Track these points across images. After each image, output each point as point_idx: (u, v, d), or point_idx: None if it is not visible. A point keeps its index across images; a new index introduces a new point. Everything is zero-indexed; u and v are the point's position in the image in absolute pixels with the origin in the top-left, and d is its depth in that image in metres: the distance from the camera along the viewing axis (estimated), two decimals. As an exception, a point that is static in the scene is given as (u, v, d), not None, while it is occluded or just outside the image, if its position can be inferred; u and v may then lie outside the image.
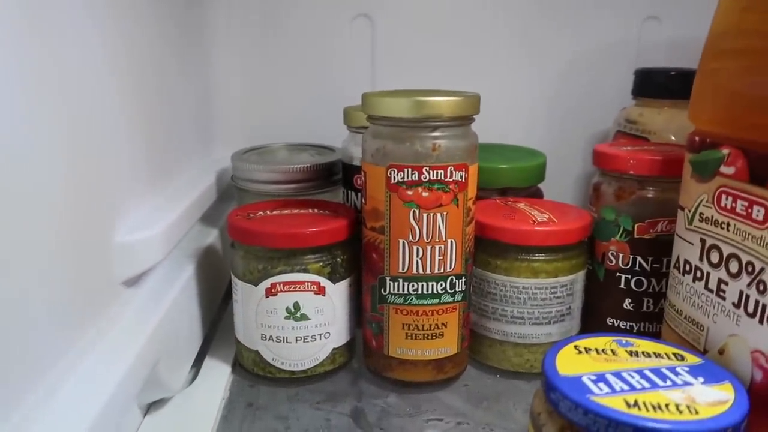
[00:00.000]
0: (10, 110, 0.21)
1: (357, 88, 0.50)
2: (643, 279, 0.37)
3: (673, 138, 0.44)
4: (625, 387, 0.25)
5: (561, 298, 0.37)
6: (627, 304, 0.37)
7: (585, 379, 0.25)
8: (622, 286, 0.37)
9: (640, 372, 0.26)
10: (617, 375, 0.26)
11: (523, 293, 0.36)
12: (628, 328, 0.38)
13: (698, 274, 0.29)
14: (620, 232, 0.37)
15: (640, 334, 0.37)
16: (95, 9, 0.29)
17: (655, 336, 0.35)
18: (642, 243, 0.36)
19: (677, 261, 0.31)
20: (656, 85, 0.46)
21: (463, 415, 0.34)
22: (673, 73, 0.45)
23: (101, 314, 0.28)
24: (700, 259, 0.29)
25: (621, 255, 0.37)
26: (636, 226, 0.36)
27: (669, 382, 0.25)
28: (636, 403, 0.24)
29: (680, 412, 0.23)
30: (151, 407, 0.34)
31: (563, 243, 0.36)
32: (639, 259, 0.36)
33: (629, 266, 0.37)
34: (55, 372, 0.24)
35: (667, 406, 0.23)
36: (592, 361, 0.27)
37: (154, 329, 0.31)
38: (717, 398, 0.24)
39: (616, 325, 0.38)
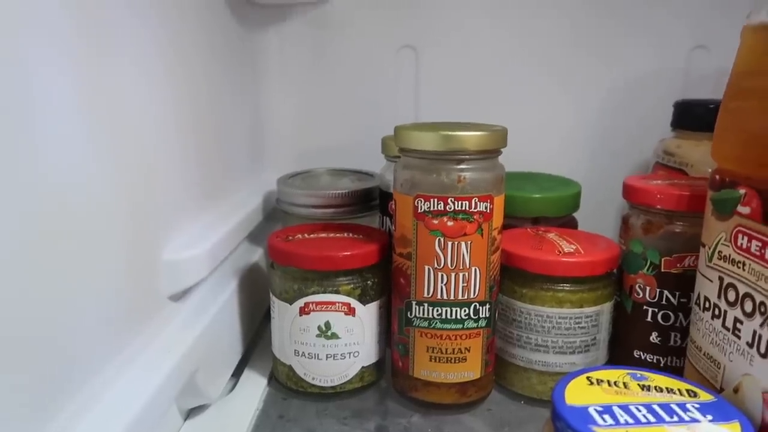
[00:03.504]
0: (73, 138, 0.25)
1: (401, 118, 0.52)
2: (670, 313, 0.37)
3: (710, 171, 0.43)
4: (630, 420, 0.25)
5: (585, 329, 0.37)
6: (654, 337, 0.37)
7: (591, 410, 0.26)
8: (649, 319, 0.37)
9: (648, 406, 0.26)
10: (624, 408, 0.26)
11: (547, 322, 0.37)
12: (654, 361, 0.38)
13: (716, 311, 0.29)
14: (647, 266, 0.37)
15: (666, 369, 0.37)
16: (155, 35, 0.32)
17: (681, 371, 0.34)
18: (669, 277, 0.36)
19: (698, 297, 0.31)
20: (695, 117, 0.46)
21: (483, 438, 0.35)
22: (711, 106, 0.45)
23: (147, 325, 0.31)
24: (719, 296, 0.29)
25: (648, 288, 0.37)
26: (663, 260, 0.36)
27: (676, 418, 0.26)
28: (637, 437, 0.24)
29: (681, 448, 0.24)
30: (191, 413, 0.37)
31: (588, 274, 0.37)
32: (666, 293, 0.36)
33: (656, 300, 0.37)
34: (103, 374, 0.27)
35: (668, 441, 0.24)
36: (602, 393, 0.28)
37: (194, 341, 0.33)
38: (722, 437, 0.24)
39: (642, 358, 0.38)
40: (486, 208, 0.35)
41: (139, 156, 0.30)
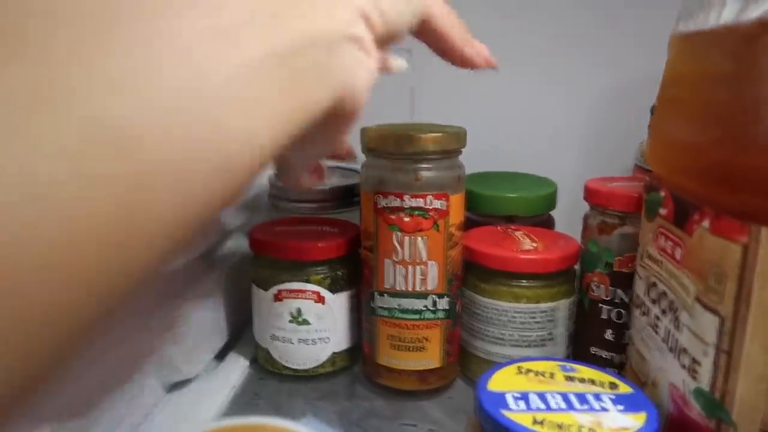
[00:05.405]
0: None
1: (398, 118, 0.54)
2: (623, 311, 0.38)
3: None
4: (542, 406, 0.27)
5: (541, 324, 0.39)
6: (608, 334, 0.39)
7: (508, 395, 0.28)
8: (604, 316, 0.39)
9: (564, 395, 0.28)
10: (540, 395, 0.28)
11: (503, 316, 0.39)
12: (609, 358, 0.39)
13: (644, 308, 0.31)
14: (602, 265, 0.38)
15: (620, 365, 0.38)
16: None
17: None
18: (621, 276, 0.37)
19: (633, 296, 0.33)
20: (669, 121, 0.46)
21: (436, 423, 0.38)
22: (686, 109, 0.45)
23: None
24: (646, 294, 0.30)
25: (603, 286, 0.38)
26: (616, 259, 0.37)
27: (586, 406, 0.27)
28: (542, 421, 0.26)
29: (579, 433, 0.25)
30: (173, 387, 0.40)
31: (542, 271, 0.38)
32: (619, 291, 0.38)
33: (610, 298, 0.38)
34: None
35: (569, 426, 0.26)
36: (526, 381, 0.29)
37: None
38: (623, 425, 0.26)
39: (598, 354, 0.39)
40: (442, 205, 0.37)
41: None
